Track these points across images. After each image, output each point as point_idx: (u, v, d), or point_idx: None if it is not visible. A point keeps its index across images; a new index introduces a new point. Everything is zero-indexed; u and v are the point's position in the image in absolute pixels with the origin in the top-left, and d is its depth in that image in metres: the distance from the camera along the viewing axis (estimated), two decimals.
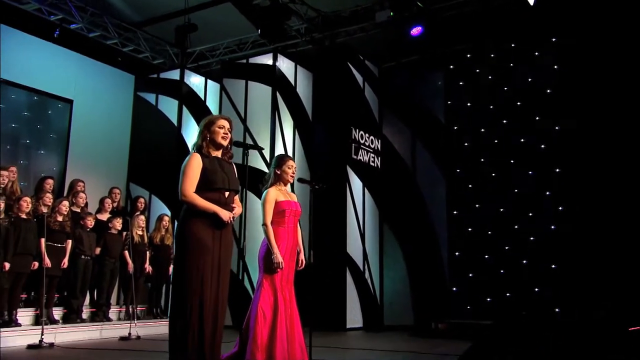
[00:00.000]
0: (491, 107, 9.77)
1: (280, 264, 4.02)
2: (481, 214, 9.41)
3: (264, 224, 4.12)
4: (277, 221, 4.16)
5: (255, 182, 8.99)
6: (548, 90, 9.29)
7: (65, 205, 7.19)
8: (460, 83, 10.04)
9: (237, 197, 3.76)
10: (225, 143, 3.67)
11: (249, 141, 9.13)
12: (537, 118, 9.29)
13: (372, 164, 9.57)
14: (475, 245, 9.30)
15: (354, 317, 8.59)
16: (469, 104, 9.91)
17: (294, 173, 4.32)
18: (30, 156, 9.54)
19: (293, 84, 9.92)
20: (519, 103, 9.56)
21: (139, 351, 5.32)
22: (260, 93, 9.61)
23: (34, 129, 9.57)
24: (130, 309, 7.64)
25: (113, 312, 7.83)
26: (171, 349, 3.32)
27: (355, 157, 9.14)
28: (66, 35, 9.59)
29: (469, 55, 10.05)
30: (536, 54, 9.52)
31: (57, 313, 7.20)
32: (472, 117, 9.78)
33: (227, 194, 3.59)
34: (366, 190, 9.36)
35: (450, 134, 9.84)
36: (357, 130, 9.28)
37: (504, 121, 9.61)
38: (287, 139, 9.61)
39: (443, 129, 9.93)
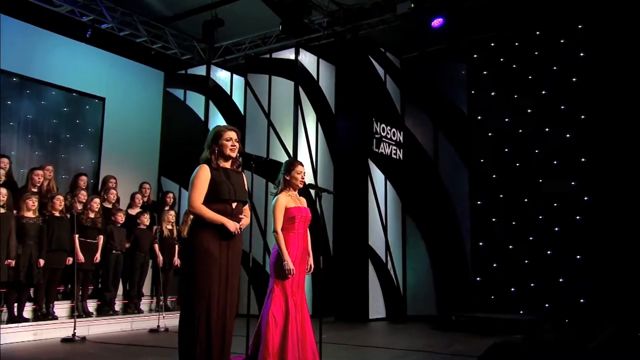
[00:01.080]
0: (515, 96, 9.48)
1: (291, 271, 4.00)
2: (505, 204, 9.20)
3: (275, 231, 4.10)
4: (287, 227, 4.13)
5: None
6: (574, 79, 8.95)
7: (96, 203, 7.34)
8: (484, 72, 9.76)
9: (246, 207, 3.73)
10: (234, 155, 3.65)
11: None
12: (563, 107, 8.98)
13: (393, 156, 9.44)
14: (499, 236, 9.12)
15: (377, 308, 8.57)
16: (493, 94, 9.64)
17: (303, 179, 4.27)
18: (69, 152, 9.75)
19: (315, 77, 9.83)
20: (543, 92, 9.25)
21: (163, 348, 5.40)
22: (283, 88, 9.56)
23: (71, 126, 9.77)
24: (160, 300, 7.79)
25: (145, 304, 8.00)
26: (181, 358, 3.35)
27: (376, 150, 9.03)
28: (97, 35, 9.69)
29: (493, 44, 9.76)
30: (562, 41, 9.16)
31: (92, 305, 7.41)
32: (496, 107, 9.52)
33: (234, 204, 3.57)
34: (388, 183, 9.24)
35: (474, 124, 9.60)
36: (379, 123, 9.15)
37: (529, 110, 9.32)
38: (310, 133, 9.55)
39: (466, 120, 9.70)
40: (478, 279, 9.20)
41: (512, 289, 8.92)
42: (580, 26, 8.98)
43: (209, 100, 10.36)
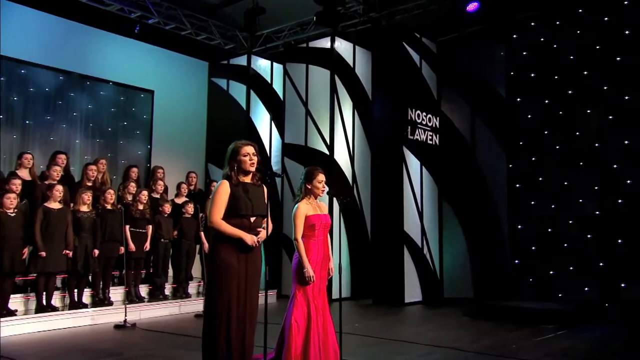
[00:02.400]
0: (556, 77, 9.02)
1: (311, 278, 4.03)
2: (545, 187, 8.87)
3: (295, 239, 4.12)
4: (307, 235, 4.14)
5: (320, 162, 9.08)
6: (618, 58, 8.41)
7: (144, 195, 7.60)
8: (524, 53, 9.31)
9: (268, 219, 3.75)
10: (252, 169, 3.68)
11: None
12: (605, 87, 8.47)
13: (429, 142, 9.23)
14: (538, 219, 8.83)
15: (413, 292, 8.53)
16: (532, 75, 9.20)
17: (324, 187, 4.24)
18: (124, 143, 10.06)
19: (352, 65, 9.68)
20: (585, 72, 8.75)
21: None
22: (320, 76, 9.48)
23: (124, 118, 10.04)
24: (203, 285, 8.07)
25: (193, 287, 8.30)
26: None
27: (411, 137, 8.85)
28: (145, 30, 9.85)
29: (533, 24, 9.27)
30: (605, 19, 8.59)
31: (144, 290, 7.75)
32: (535, 89, 9.10)
33: (252, 219, 3.62)
34: (424, 169, 9.07)
35: (513, 107, 9.22)
36: (414, 110, 8.94)
37: (569, 92, 8.86)
38: (347, 120, 9.47)
39: (504, 102, 9.33)
40: (516, 261, 8.97)
41: (551, 272, 8.67)
42: (625, 2, 8.38)
43: (250, 89, 10.41)
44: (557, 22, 9.05)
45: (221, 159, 10.22)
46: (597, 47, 8.62)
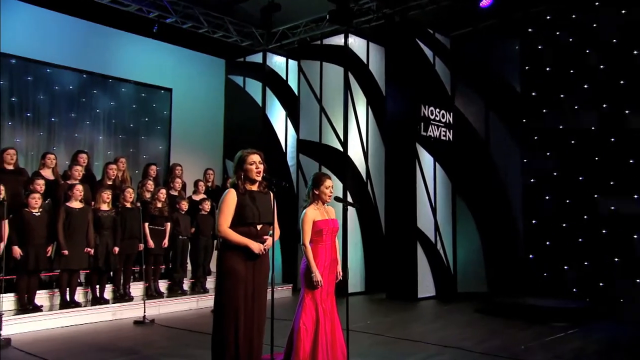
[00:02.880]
0: (572, 71, 8.83)
1: (319, 282, 4.05)
2: (560, 183, 8.73)
3: (303, 244, 4.13)
4: (315, 240, 4.15)
5: (334, 159, 9.09)
6: (635, 52, 8.18)
7: (162, 193, 7.70)
8: (539, 47, 9.12)
9: (276, 225, 3.78)
10: (259, 178, 3.69)
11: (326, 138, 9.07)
12: (622, 82, 8.26)
13: (443, 137, 9.13)
14: (553, 214, 8.70)
15: (426, 287, 8.51)
16: (548, 69, 9.02)
17: (331, 193, 4.25)
18: (143, 140, 10.18)
19: (365, 61, 9.61)
20: (602, 66, 8.54)
21: None
22: (334, 73, 9.43)
23: (144, 117, 10.17)
24: None
25: (211, 282, 8.40)
26: None
27: (424, 133, 8.76)
28: (163, 29, 9.90)
29: (548, 17, 9.07)
30: (623, 11, 8.35)
31: (163, 285, 7.88)
32: (551, 83, 8.93)
33: (259, 227, 3.64)
34: (437, 165, 8.98)
35: (528, 101, 9.06)
36: (427, 107, 8.84)
37: (585, 86, 8.67)
38: (361, 117, 9.43)
39: (518, 97, 9.17)
40: (531, 256, 8.87)
41: (565, 267, 8.56)
42: None
43: (265, 87, 10.41)
44: (573, 16, 8.84)
45: None
46: (614, 40, 8.40)
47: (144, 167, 8.78)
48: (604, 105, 8.49)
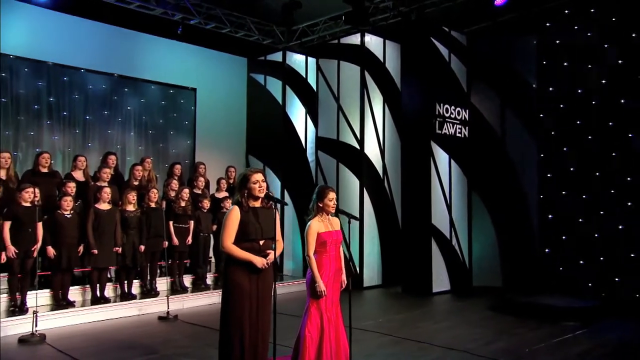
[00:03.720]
0: (589, 66, 8.55)
1: (323, 292, 4.09)
2: (576, 178, 8.52)
3: (308, 255, 4.17)
4: (319, 251, 4.18)
5: (350, 156, 9.08)
6: None
7: (186, 193, 7.85)
8: (557, 42, 8.85)
9: (279, 238, 3.84)
10: (261, 195, 3.75)
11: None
12: None
13: (458, 134, 8.99)
14: (569, 209, 8.52)
15: (441, 282, 8.48)
16: (565, 64, 8.75)
17: (334, 205, 4.26)
18: (169, 139, 10.33)
19: (382, 59, 9.51)
20: (620, 61, 8.24)
21: None
22: (351, 72, 9.38)
23: (170, 116, 10.31)
24: None
25: None
26: None
27: (439, 131, 8.65)
28: (186, 31, 9.98)
29: (567, 12, 8.77)
30: None
31: (188, 280, 8.08)
32: (568, 78, 8.66)
33: (261, 242, 3.70)
34: (452, 162, 8.87)
35: (544, 96, 8.83)
36: (442, 105, 8.71)
37: (603, 81, 8.39)
38: (377, 114, 9.37)
39: (534, 93, 8.95)
40: (547, 250, 8.73)
41: (581, 262, 8.39)
42: None
43: (285, 85, 10.41)
44: (592, 10, 8.53)
45: (261, 151, 10.56)
46: (633, 35, 8.09)
47: (169, 166, 8.97)
48: (622, 101, 8.22)
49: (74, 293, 6.94)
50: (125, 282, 7.24)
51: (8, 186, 6.79)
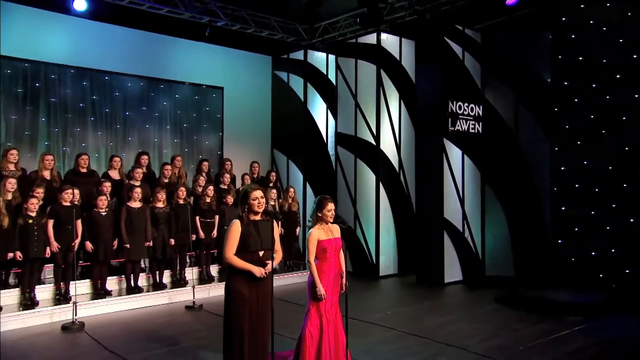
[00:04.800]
0: (604, 60, 8.29)
1: (322, 296, 4.25)
2: (590, 171, 8.36)
3: (308, 262, 4.33)
4: (320, 257, 4.34)
5: (367, 151, 9.14)
6: None
7: (210, 190, 8.14)
8: (572, 36, 8.59)
9: (278, 248, 4.01)
10: (260, 210, 3.91)
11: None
12: None
13: (472, 130, 8.89)
14: (582, 201, 8.39)
15: (453, 272, 8.52)
16: (580, 58, 8.51)
17: (332, 215, 4.39)
18: (200, 136, 10.59)
19: (398, 57, 9.45)
20: (635, 56, 7.97)
21: None
22: (368, 70, 9.37)
23: (200, 115, 10.56)
24: None
25: None
26: None
27: (452, 128, 8.58)
28: (213, 32, 10.14)
29: (582, 6, 8.49)
30: None
31: (214, 269, 8.41)
32: (583, 72, 8.44)
33: (261, 253, 3.88)
34: (465, 157, 8.81)
35: (559, 91, 8.62)
36: (455, 102, 8.62)
37: (617, 76, 8.13)
38: (394, 111, 9.37)
39: (548, 88, 8.75)
40: (560, 241, 8.63)
41: (593, 253, 8.29)
42: None
43: (306, 82, 10.50)
44: (608, 4, 8.23)
45: (285, 146, 10.76)
46: None
47: (198, 163, 9.28)
48: (636, 96, 7.97)
49: (111, 283, 7.37)
50: (157, 272, 7.61)
51: (52, 186, 7.21)
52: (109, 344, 5.35)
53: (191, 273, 7.83)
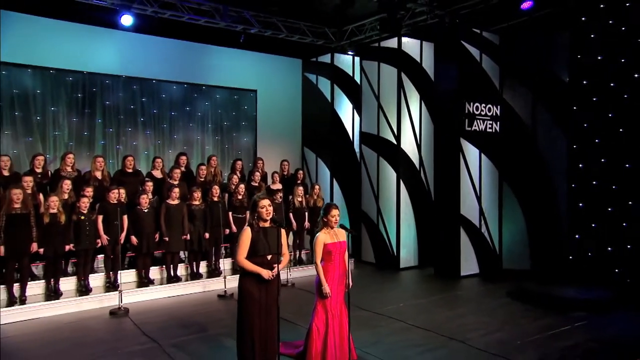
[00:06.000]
0: (623, 60, 8.03)
1: (328, 294, 4.51)
2: (607, 168, 8.18)
3: (315, 263, 4.59)
4: (326, 259, 4.59)
5: (389, 150, 9.26)
6: None
7: (242, 188, 8.49)
8: (592, 36, 8.35)
9: (285, 251, 4.29)
10: (268, 217, 4.19)
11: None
12: None
13: (489, 130, 8.83)
14: (599, 198, 8.23)
15: (469, 266, 8.57)
16: (599, 58, 8.27)
17: (336, 220, 4.61)
18: (235, 136, 11.01)
19: (419, 60, 9.45)
20: None
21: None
22: (390, 73, 9.44)
23: (235, 115, 10.97)
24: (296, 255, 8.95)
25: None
26: None
27: (469, 128, 8.57)
28: (247, 39, 10.46)
29: (602, 6, 8.23)
30: None
31: None
32: (601, 72, 8.22)
33: (269, 256, 4.17)
34: (482, 155, 8.77)
35: (578, 89, 8.42)
36: (472, 104, 8.58)
37: (636, 75, 7.86)
38: (414, 111, 9.42)
39: (566, 88, 8.57)
40: (577, 236, 8.51)
41: (609, 249, 8.13)
42: None
43: (333, 84, 10.66)
44: (627, 4, 7.94)
45: (314, 144, 11.04)
46: None
47: (232, 162, 9.67)
48: None
49: (154, 272, 7.89)
50: (194, 263, 8.08)
51: (103, 185, 7.77)
52: (147, 329, 5.82)
53: (224, 264, 8.25)
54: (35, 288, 6.90)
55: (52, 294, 6.85)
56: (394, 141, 9.28)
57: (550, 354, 4.89)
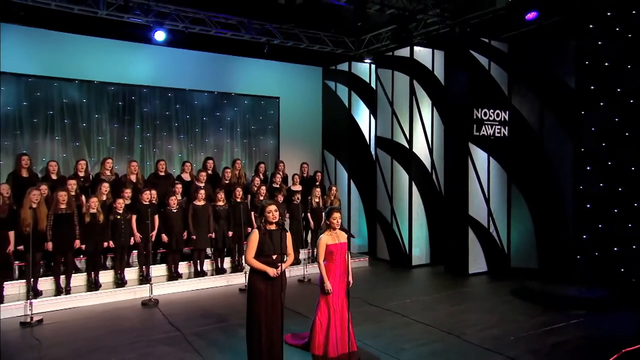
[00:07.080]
0: (629, 66, 7.94)
1: (330, 290, 4.76)
2: (614, 171, 8.11)
3: (318, 262, 4.85)
4: (328, 258, 4.84)
5: (401, 154, 9.39)
6: None
7: (263, 190, 8.82)
8: (599, 43, 8.27)
9: (290, 251, 4.56)
10: (274, 221, 4.47)
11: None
12: None
13: (497, 134, 8.86)
14: (605, 200, 8.17)
15: (477, 264, 8.64)
16: (606, 64, 8.19)
17: (338, 222, 4.85)
18: (260, 140, 11.35)
19: (430, 67, 9.55)
20: None
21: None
22: (403, 80, 9.56)
23: (260, 121, 11.31)
24: (312, 252, 9.19)
25: (302, 254, 9.46)
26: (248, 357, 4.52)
27: (477, 133, 8.62)
28: (271, 49, 10.77)
29: (609, 14, 8.14)
30: None
31: None
32: (608, 77, 8.14)
33: (274, 256, 4.45)
34: (491, 159, 8.81)
35: (585, 95, 8.36)
36: (480, 110, 8.64)
37: None
38: (425, 117, 9.52)
39: (572, 93, 8.51)
40: (584, 236, 8.45)
41: (615, 249, 8.06)
42: None
43: (351, 91, 10.86)
44: (633, 12, 7.84)
45: (333, 147, 11.31)
46: None
47: (256, 165, 10.03)
48: None
49: (182, 267, 8.32)
50: (219, 259, 8.47)
51: (137, 187, 8.25)
52: (173, 319, 6.22)
53: None
54: (79, 279, 7.42)
55: (93, 285, 7.36)
56: (407, 145, 9.42)
57: (539, 349, 4.98)
